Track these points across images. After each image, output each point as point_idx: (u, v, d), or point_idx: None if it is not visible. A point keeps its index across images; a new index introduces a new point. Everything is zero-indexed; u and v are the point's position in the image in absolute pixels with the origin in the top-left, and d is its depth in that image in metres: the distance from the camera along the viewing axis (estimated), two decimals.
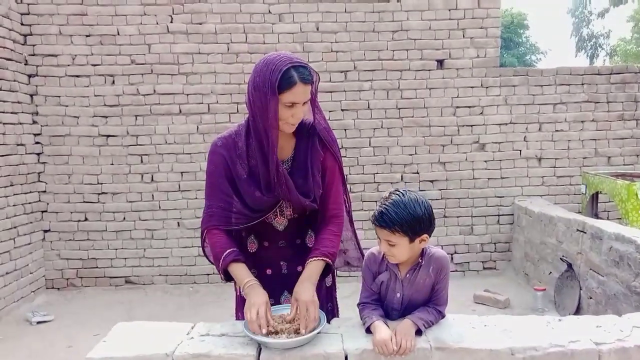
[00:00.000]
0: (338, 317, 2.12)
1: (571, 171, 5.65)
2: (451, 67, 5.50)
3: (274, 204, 1.89)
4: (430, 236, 1.77)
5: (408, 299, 1.84)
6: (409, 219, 1.68)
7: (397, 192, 1.73)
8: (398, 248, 1.72)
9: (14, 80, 4.97)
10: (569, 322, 1.89)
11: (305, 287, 1.75)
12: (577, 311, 4.01)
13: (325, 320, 1.77)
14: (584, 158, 5.65)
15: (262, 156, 1.81)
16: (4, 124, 4.77)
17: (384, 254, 1.81)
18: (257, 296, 1.73)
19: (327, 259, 1.84)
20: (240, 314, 2.02)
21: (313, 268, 1.82)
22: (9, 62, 4.90)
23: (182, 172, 5.42)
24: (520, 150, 5.62)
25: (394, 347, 1.63)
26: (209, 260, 2.07)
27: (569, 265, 4.24)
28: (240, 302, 2.02)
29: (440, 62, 5.51)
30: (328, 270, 1.91)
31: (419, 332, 1.73)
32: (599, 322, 1.87)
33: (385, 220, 1.68)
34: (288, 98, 1.71)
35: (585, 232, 4.04)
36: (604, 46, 25.75)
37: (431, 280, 1.81)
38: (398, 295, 1.84)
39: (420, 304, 1.84)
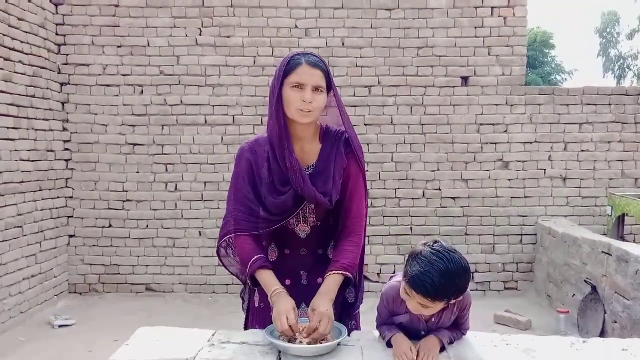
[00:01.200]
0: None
1: (597, 192, 5.56)
2: (476, 84, 5.49)
3: (295, 205, 1.88)
4: None
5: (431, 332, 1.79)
6: (454, 292, 1.57)
7: (441, 257, 1.55)
8: (431, 310, 1.63)
9: (47, 88, 5.12)
10: (594, 344, 1.85)
11: (323, 300, 1.75)
12: (602, 335, 3.91)
13: (347, 333, 1.77)
14: (610, 179, 5.56)
15: (279, 149, 1.84)
16: (35, 130, 4.91)
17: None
18: (285, 303, 1.73)
19: (347, 273, 1.83)
20: (257, 325, 2.00)
21: (332, 282, 1.81)
22: (43, 71, 5.05)
23: (205, 182, 5.49)
24: (545, 170, 5.56)
25: (414, 359, 1.62)
26: (222, 265, 2.06)
27: (594, 288, 4.15)
28: (256, 312, 2.02)
29: (465, 79, 5.51)
30: (348, 282, 1.90)
31: (441, 350, 1.71)
32: (625, 345, 1.83)
33: (429, 290, 1.53)
34: (293, 79, 1.78)
35: (611, 255, 3.96)
36: (632, 67, 25.41)
37: (456, 316, 1.78)
38: (422, 333, 1.78)
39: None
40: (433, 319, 1.75)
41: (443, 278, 1.52)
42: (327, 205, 1.87)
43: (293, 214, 1.90)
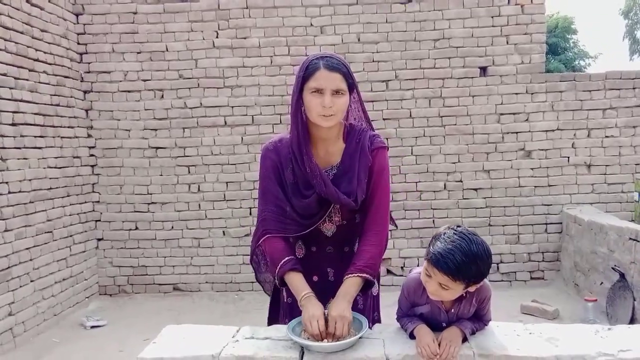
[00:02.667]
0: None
1: (623, 178, 5.45)
2: (495, 73, 5.43)
3: (323, 209, 1.90)
4: None
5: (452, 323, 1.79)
6: (475, 272, 1.58)
7: (464, 237, 1.59)
8: (450, 292, 1.63)
9: (71, 97, 5.25)
10: (620, 331, 1.83)
11: (336, 303, 1.77)
12: (631, 323, 3.85)
13: (368, 326, 1.79)
14: (636, 164, 5.44)
15: (298, 155, 1.86)
16: (61, 138, 5.04)
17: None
18: (315, 308, 1.75)
19: (365, 275, 1.83)
20: (287, 320, 2.03)
21: (349, 285, 1.82)
22: (67, 80, 5.18)
23: (227, 182, 5.56)
24: (569, 157, 5.47)
25: (438, 350, 1.62)
26: (253, 268, 2.13)
27: (622, 275, 4.08)
28: (286, 307, 2.05)
29: (484, 69, 5.45)
30: (370, 284, 1.90)
31: (464, 340, 1.71)
32: None
33: (451, 267, 1.55)
34: (312, 84, 1.78)
35: (639, 241, 3.88)
36: None
37: (475, 308, 1.78)
38: (444, 324, 1.79)
39: None
40: (452, 310, 1.76)
41: (465, 257, 1.55)
42: (352, 206, 1.88)
43: (322, 217, 1.92)
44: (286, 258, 1.86)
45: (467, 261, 1.55)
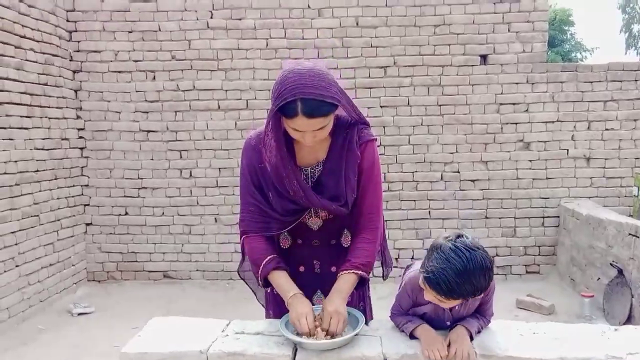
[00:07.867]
0: (371, 317, 2.05)
1: (622, 172, 5.37)
2: (495, 62, 5.32)
3: (304, 208, 1.83)
4: None
5: (456, 320, 1.73)
6: (470, 290, 1.50)
7: (459, 254, 1.49)
8: (448, 304, 1.60)
9: (59, 76, 5.08)
10: (626, 332, 1.77)
11: (332, 299, 1.71)
12: (628, 320, 3.80)
13: (364, 322, 1.71)
14: (636, 158, 5.36)
15: (279, 160, 1.74)
16: (49, 118, 4.88)
17: None
18: (303, 306, 1.69)
19: (360, 272, 1.75)
20: (271, 310, 1.98)
21: (344, 281, 1.75)
22: (55, 58, 5.01)
23: (220, 168, 5.44)
24: (568, 150, 5.39)
25: (447, 352, 1.56)
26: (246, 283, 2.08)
27: (620, 271, 4.02)
28: (272, 299, 1.98)
29: (484, 57, 5.33)
30: (364, 281, 1.82)
31: (470, 339, 1.65)
32: None
33: (443, 289, 1.49)
34: (290, 124, 1.63)
35: (639, 237, 3.82)
36: None
37: (479, 302, 1.72)
38: (448, 323, 1.73)
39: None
40: (456, 307, 1.69)
41: (458, 277, 1.46)
42: (343, 213, 1.80)
43: (303, 214, 1.85)
44: (268, 257, 1.78)
45: (459, 282, 1.47)
